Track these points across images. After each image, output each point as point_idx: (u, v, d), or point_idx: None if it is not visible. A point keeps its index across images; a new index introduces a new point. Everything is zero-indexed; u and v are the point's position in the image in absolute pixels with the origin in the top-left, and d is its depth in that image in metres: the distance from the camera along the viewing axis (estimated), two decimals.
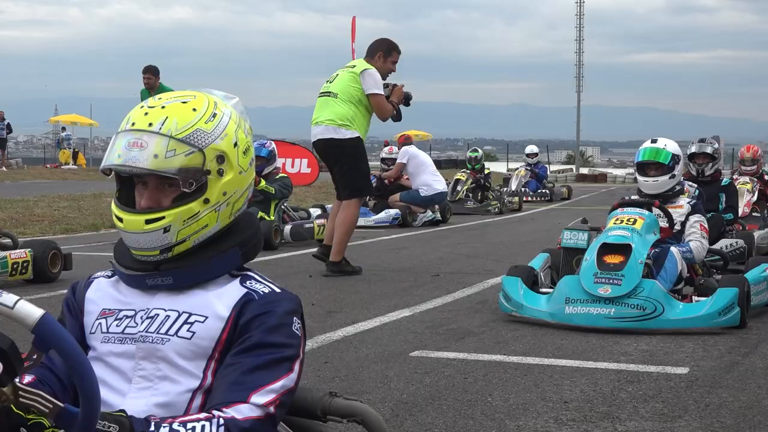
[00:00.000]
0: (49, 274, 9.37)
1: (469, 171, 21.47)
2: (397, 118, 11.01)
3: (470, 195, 20.95)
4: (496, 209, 20.38)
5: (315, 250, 11.09)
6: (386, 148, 19.92)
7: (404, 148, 17.97)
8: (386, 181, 17.80)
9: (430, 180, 17.64)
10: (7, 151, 46.18)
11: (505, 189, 23.41)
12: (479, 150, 22.56)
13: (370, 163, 12.45)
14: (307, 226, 13.66)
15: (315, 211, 15.00)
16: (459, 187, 20.90)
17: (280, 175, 13.58)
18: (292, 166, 23.72)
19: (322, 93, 10.68)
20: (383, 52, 10.68)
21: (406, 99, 10.95)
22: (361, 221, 16.39)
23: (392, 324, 7.48)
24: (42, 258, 9.41)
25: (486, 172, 21.51)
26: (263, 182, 12.72)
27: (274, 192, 12.97)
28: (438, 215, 17.54)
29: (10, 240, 9.86)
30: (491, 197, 20.98)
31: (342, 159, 10.51)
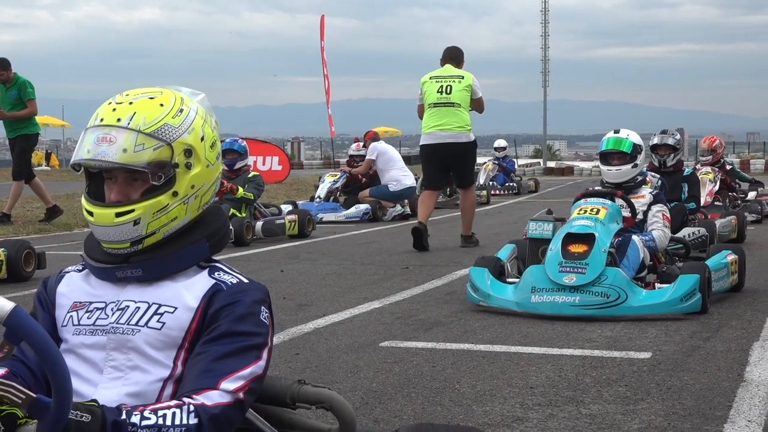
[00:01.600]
0: (23, 273, 9.34)
1: None
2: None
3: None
4: None
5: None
6: (353, 145, 19.90)
7: (373, 144, 17.94)
8: (356, 176, 17.79)
9: (399, 175, 17.67)
10: None
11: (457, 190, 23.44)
12: None
13: (339, 160, 13.45)
14: (278, 222, 13.68)
15: (286, 208, 15.02)
16: None
17: (253, 173, 13.59)
18: (263, 164, 23.71)
19: (441, 102, 12.17)
20: (463, 60, 12.55)
21: None
22: (332, 217, 16.48)
23: (362, 316, 7.51)
24: (16, 257, 9.38)
25: None
26: (241, 190, 12.76)
27: (252, 197, 13.06)
28: (407, 209, 17.55)
29: None
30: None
31: (465, 157, 12.40)
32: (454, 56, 12.52)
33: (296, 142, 56.92)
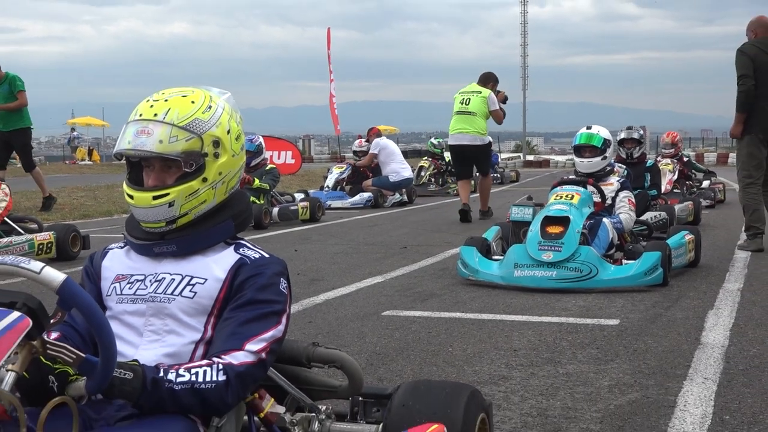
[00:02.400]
0: (70, 253, 9.35)
1: (431, 159, 21.50)
2: (503, 118, 13.87)
3: (432, 179, 20.98)
4: (455, 191, 20.37)
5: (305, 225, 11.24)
6: (356, 141, 19.87)
7: (376, 140, 17.93)
8: (360, 169, 17.77)
9: (399, 168, 17.66)
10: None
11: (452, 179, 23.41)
12: (441, 140, 22.57)
13: (345, 155, 13.79)
14: (292, 208, 13.70)
15: (299, 196, 15.02)
16: (423, 173, 20.92)
17: (270, 166, 13.60)
18: (279, 158, 23.69)
19: (461, 111, 13.49)
20: (493, 83, 13.77)
21: (504, 100, 14.01)
22: (338, 203, 16.48)
23: (367, 289, 7.51)
24: (64, 240, 9.40)
25: (447, 159, 21.51)
26: (257, 181, 12.75)
27: (268, 187, 13.07)
28: (405, 197, 17.57)
29: (36, 225, 9.85)
30: (450, 181, 20.99)
31: (481, 156, 13.76)
32: (482, 78, 13.87)
33: (307, 139, 56.83)
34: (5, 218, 9.38)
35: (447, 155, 21.80)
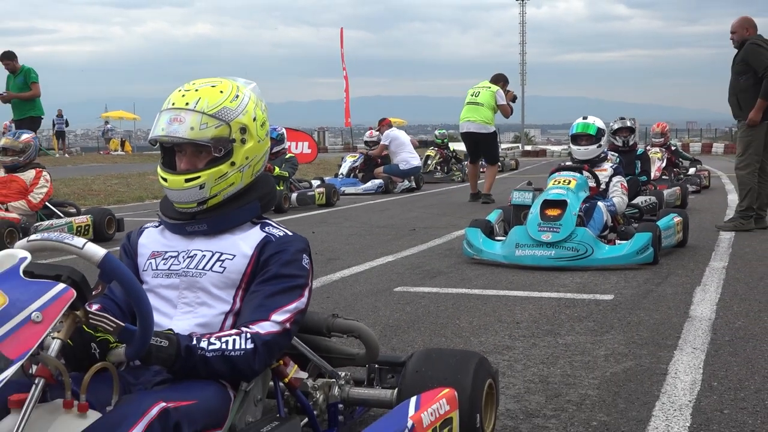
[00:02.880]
0: (105, 235, 9.38)
1: (436, 149, 21.47)
2: (511, 114, 14.47)
3: (438, 167, 20.95)
4: (459, 178, 20.37)
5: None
6: (367, 133, 19.84)
7: (387, 131, 17.92)
8: (374, 159, 17.74)
9: (408, 157, 17.63)
10: (67, 142, 45.96)
11: (466, 162, 23.35)
12: (444, 132, 22.55)
13: (357, 145, 14.22)
14: (309, 193, 13.74)
15: (315, 182, 15.01)
16: (429, 162, 20.88)
17: (289, 155, 13.66)
18: (296, 148, 23.63)
19: (470, 102, 13.89)
20: (503, 82, 14.22)
21: (513, 99, 14.56)
22: (352, 189, 16.47)
23: (379, 267, 7.50)
24: (100, 222, 9.44)
25: (451, 149, 21.49)
26: (277, 169, 12.76)
27: (288, 175, 13.10)
28: (413, 184, 17.55)
29: (74, 209, 9.91)
30: (455, 169, 20.97)
31: (487, 143, 14.05)
32: (494, 78, 14.28)
33: (321, 130, 56.77)
34: (46, 203, 9.41)
35: (452, 145, 21.80)
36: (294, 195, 13.37)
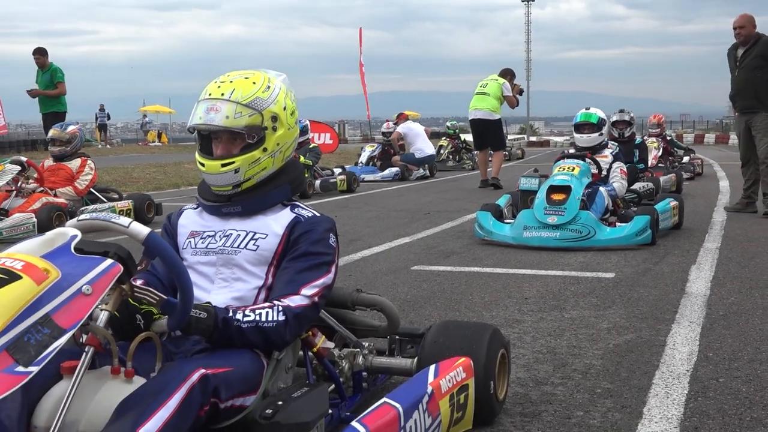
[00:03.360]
0: (145, 219, 9.39)
1: (448, 139, 21.40)
2: (516, 105, 14.29)
3: (450, 156, 20.87)
4: (469, 166, 20.30)
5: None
6: (384, 124, 19.80)
7: (403, 123, 17.88)
8: (388, 149, 17.69)
9: (423, 146, 17.56)
10: (109, 134, 46.08)
11: (476, 152, 23.26)
12: (456, 123, 22.46)
13: (375, 136, 14.20)
14: (332, 180, 13.72)
15: (337, 170, 15.00)
16: (442, 151, 20.81)
17: (312, 145, 13.68)
18: (319, 138, 23.67)
19: (479, 92, 13.80)
20: (510, 76, 14.17)
21: (520, 92, 14.54)
22: (370, 177, 16.45)
23: (397, 248, 7.48)
24: (140, 207, 9.47)
25: (462, 139, 21.41)
26: (302, 158, 12.75)
27: (312, 163, 13.09)
28: (427, 172, 17.50)
29: (117, 194, 9.95)
30: (465, 158, 20.89)
31: (492, 130, 13.91)
32: (502, 72, 14.20)
33: (342, 123, 56.64)
34: (91, 189, 9.45)
35: (462, 136, 21.72)
36: (318, 182, 13.36)
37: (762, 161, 9.42)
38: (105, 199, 9.54)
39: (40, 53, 12.77)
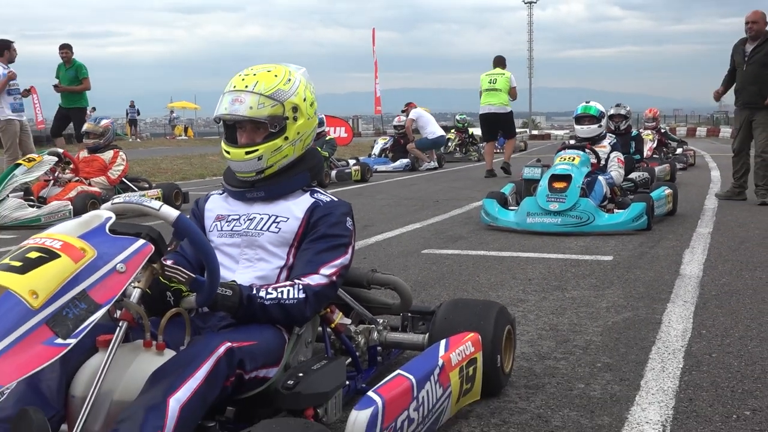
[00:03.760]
0: (173, 206, 9.34)
1: (456, 132, 21.32)
2: (516, 97, 14.26)
3: (457, 148, 20.81)
4: (475, 158, 20.24)
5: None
6: (395, 118, 19.72)
7: (413, 110, 17.69)
8: (399, 140, 17.63)
9: (434, 129, 17.39)
10: (139, 128, 46.18)
11: (482, 144, 23.15)
12: (465, 117, 22.38)
13: (387, 130, 14.24)
14: (347, 171, 13.71)
15: (352, 161, 14.99)
16: (449, 144, 20.76)
17: (328, 137, 13.72)
18: (335, 132, 23.61)
19: (490, 89, 13.76)
20: (505, 63, 14.08)
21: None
22: (383, 167, 16.42)
23: (409, 233, 7.47)
24: (168, 195, 9.48)
25: (470, 132, 21.33)
26: (319, 150, 12.72)
27: (328, 155, 13.07)
28: (436, 163, 17.44)
29: (146, 184, 9.96)
30: (472, 150, 20.83)
31: (506, 121, 14.15)
32: (499, 62, 14.11)
33: (356, 118, 56.55)
34: (123, 179, 9.47)
35: (470, 129, 21.63)
36: (333, 172, 13.35)
37: (758, 154, 9.33)
38: (136, 188, 9.56)
39: (67, 48, 12.54)
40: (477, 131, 23.15)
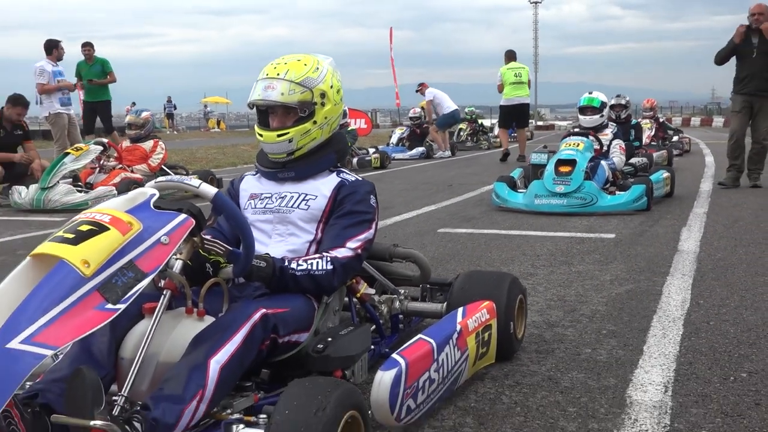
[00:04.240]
0: None
1: (467, 122, 21.22)
2: None
3: (469, 138, 20.71)
4: (485, 146, 20.15)
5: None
6: (411, 110, 19.61)
7: (428, 90, 17.27)
8: (416, 130, 17.52)
9: (449, 104, 16.93)
10: (175, 122, 46.30)
11: (491, 133, 23.00)
12: (473, 109, 22.26)
13: (403, 122, 14.25)
14: (367, 158, 13.69)
15: (371, 150, 14.95)
16: (462, 133, 20.66)
17: (350, 128, 13.71)
18: (355, 123, 23.55)
19: (516, 82, 13.81)
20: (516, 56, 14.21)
21: None
22: (400, 155, 16.35)
23: (425, 214, 7.45)
24: (204, 181, 9.44)
25: (479, 122, 21.21)
26: None
27: (350, 144, 13.03)
28: (449, 152, 17.33)
29: (184, 170, 9.98)
30: (482, 139, 20.72)
31: (524, 112, 14.40)
32: (513, 55, 14.23)
33: (374, 111, 56.45)
34: (162, 166, 9.49)
35: (480, 120, 21.51)
36: (355, 159, 13.34)
37: (759, 141, 9.13)
38: (174, 175, 9.59)
39: (89, 46, 12.26)
40: (486, 122, 23.02)
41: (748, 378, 2.78)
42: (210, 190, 2.23)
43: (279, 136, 2.66)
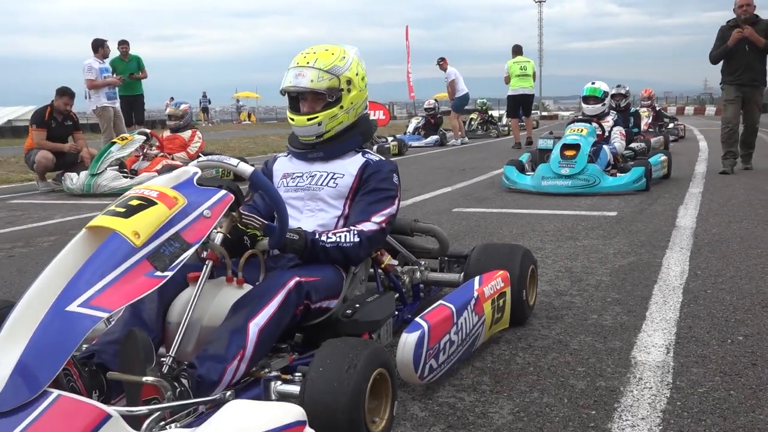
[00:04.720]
0: None
1: (478, 113, 21.09)
2: None
3: (480, 127, 20.60)
4: (495, 134, 20.03)
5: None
6: (426, 102, 19.49)
7: (449, 69, 16.36)
8: (430, 120, 17.43)
9: (463, 87, 16.37)
10: (210, 115, 46.41)
11: (500, 123, 22.83)
12: (485, 101, 22.12)
13: (418, 113, 14.28)
14: (386, 146, 13.64)
15: (389, 138, 14.90)
16: (473, 123, 20.55)
17: (371, 119, 13.58)
18: (374, 115, 23.46)
19: (521, 74, 13.88)
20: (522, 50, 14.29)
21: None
22: (416, 143, 16.28)
23: (440, 195, 7.42)
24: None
25: (489, 112, 21.08)
26: None
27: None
28: (466, 138, 17.21)
29: None
30: (492, 128, 20.60)
31: (531, 101, 14.53)
32: (519, 50, 14.29)
33: (391, 104, 56.25)
34: (200, 154, 9.51)
35: (490, 111, 21.37)
36: (375, 147, 13.29)
37: (751, 126, 8.96)
38: None
39: (125, 44, 12.17)
40: (495, 113, 22.85)
41: (744, 341, 2.75)
42: (247, 168, 2.23)
43: (309, 119, 2.64)
